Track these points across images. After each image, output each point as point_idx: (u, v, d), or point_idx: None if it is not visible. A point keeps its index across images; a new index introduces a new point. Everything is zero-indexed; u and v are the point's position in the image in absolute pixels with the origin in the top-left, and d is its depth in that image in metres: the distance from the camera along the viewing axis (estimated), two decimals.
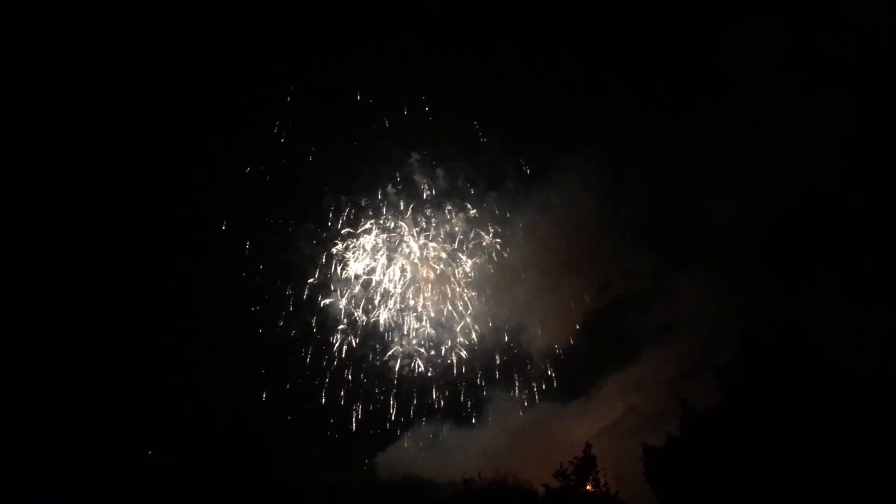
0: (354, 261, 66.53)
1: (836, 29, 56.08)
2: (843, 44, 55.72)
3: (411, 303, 66.41)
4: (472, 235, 67.59)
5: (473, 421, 61.45)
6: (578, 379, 61.73)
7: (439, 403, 63.08)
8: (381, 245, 66.95)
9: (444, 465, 50.74)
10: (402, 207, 67.04)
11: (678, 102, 62.86)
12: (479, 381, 63.99)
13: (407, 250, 66.87)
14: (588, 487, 33.04)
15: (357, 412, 63.11)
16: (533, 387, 62.82)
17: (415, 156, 66.30)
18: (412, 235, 67.02)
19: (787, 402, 28.24)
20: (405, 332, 65.77)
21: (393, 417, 62.31)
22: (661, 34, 62.06)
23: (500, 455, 48.00)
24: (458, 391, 63.64)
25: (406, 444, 59.57)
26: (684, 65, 62.26)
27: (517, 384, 63.09)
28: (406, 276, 66.62)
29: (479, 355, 65.08)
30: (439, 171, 66.88)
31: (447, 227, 67.35)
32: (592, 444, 34.03)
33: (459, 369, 64.60)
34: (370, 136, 66.23)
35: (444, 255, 67.31)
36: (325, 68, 65.11)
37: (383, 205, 66.71)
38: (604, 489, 33.00)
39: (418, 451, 58.24)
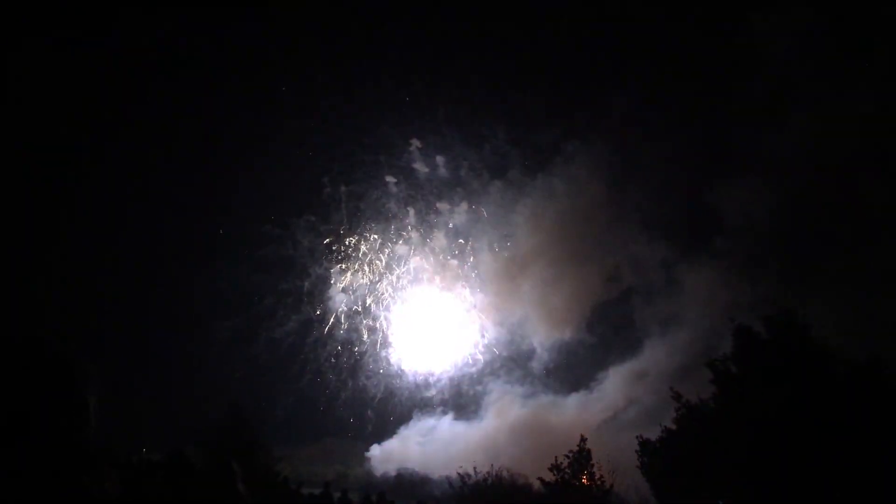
0: (353, 255, 67.67)
1: (859, 14, 55.97)
2: (866, 30, 55.68)
3: (413, 296, 67.52)
4: (475, 227, 68.42)
5: (472, 414, 62.79)
6: (580, 371, 63.01)
7: (438, 397, 64.37)
8: (381, 238, 67.95)
9: (440, 460, 52.01)
10: (403, 198, 67.98)
11: (691, 88, 63.27)
12: (479, 373, 65.26)
13: (409, 243, 67.76)
14: (583, 481, 34.07)
15: (354, 410, 64.58)
16: (534, 379, 64.01)
17: (415, 143, 67.12)
18: (414, 227, 67.89)
19: (779, 393, 29.02)
20: (405, 327, 66.98)
21: (391, 413, 63.76)
22: (674, 18, 62.37)
23: (498, 449, 49.18)
24: (457, 385, 64.95)
25: (402, 439, 60.96)
26: (697, 49, 62.53)
27: (518, 377, 64.29)
28: (408, 270, 67.60)
29: (481, 348, 66.27)
30: (441, 160, 67.75)
31: (450, 219, 68.23)
32: (587, 438, 35.03)
33: (460, 362, 65.85)
34: (370, 124, 67.24)
35: (446, 246, 68.24)
36: (324, 56, 66.11)
37: (384, 196, 67.69)
38: (599, 482, 34.07)
39: (415, 445, 59.61)
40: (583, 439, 34.69)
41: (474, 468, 37.35)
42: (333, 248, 67.33)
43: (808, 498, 27.93)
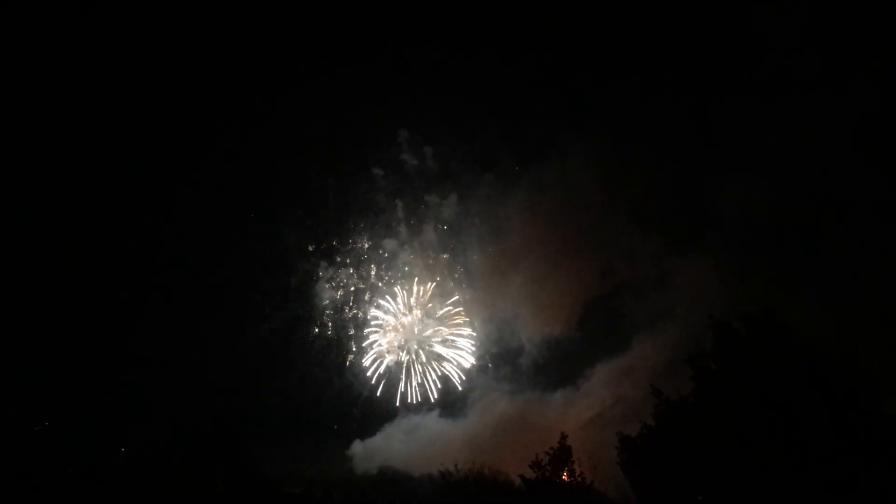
0: (341, 251, 68.41)
1: (856, 10, 56.56)
2: (862, 26, 56.27)
3: (400, 294, 68.21)
4: (465, 220, 69.12)
5: (458, 411, 63.68)
6: (568, 368, 63.69)
7: (424, 395, 65.20)
8: (369, 233, 68.67)
9: (422, 458, 52.93)
10: (391, 191, 68.70)
11: (685, 82, 63.82)
12: (467, 371, 66.17)
13: (397, 238, 68.51)
14: (563, 477, 35.24)
15: (340, 408, 65.37)
16: (521, 376, 64.86)
17: (403, 133, 67.71)
18: (402, 221, 68.56)
19: (756, 390, 30.17)
20: (392, 325, 67.69)
21: (377, 411, 64.50)
22: (668, 11, 62.88)
23: (482, 446, 50.12)
24: (444, 381, 65.78)
25: (386, 436, 61.83)
26: (692, 43, 63.02)
27: (506, 373, 65.12)
28: (396, 266, 68.35)
29: (470, 345, 67.08)
30: (429, 151, 68.35)
31: (439, 212, 68.97)
32: (568, 435, 36.18)
33: (448, 360, 66.69)
34: (356, 114, 67.72)
35: (435, 241, 68.97)
36: (309, 46, 66.64)
37: (372, 189, 68.40)
38: (579, 479, 35.26)
39: (398, 443, 60.50)
40: (563, 436, 35.78)
41: (456, 466, 38.47)
42: (322, 245, 68.03)
43: (785, 492, 29.14)
